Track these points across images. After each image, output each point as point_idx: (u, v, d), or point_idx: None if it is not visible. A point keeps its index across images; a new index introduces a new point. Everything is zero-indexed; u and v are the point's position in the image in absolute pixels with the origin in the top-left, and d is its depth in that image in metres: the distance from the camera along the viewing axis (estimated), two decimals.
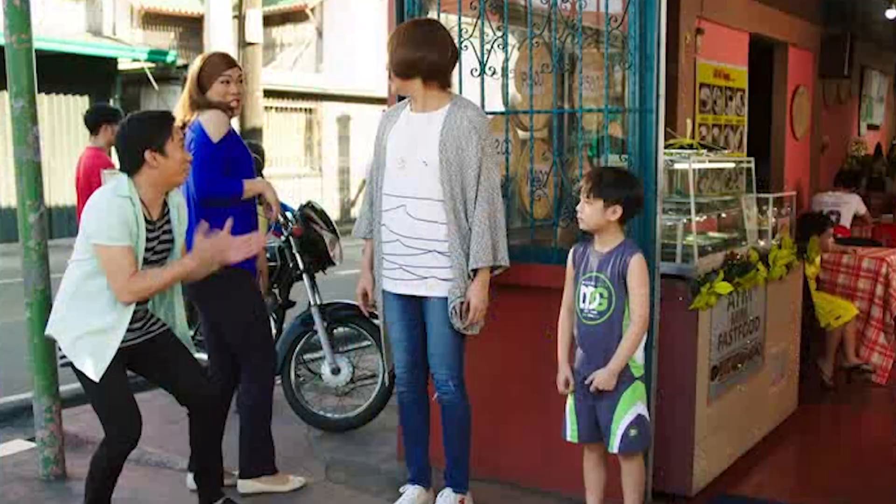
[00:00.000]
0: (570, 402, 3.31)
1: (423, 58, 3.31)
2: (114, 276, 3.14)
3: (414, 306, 3.48)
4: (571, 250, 3.37)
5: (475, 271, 3.34)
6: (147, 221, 3.24)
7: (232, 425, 3.87)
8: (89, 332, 3.19)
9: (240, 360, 3.87)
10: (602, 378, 3.14)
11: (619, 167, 3.54)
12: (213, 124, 3.69)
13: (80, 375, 3.24)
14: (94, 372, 3.17)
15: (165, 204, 3.37)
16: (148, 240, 3.24)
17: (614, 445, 3.20)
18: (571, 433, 3.31)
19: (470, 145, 3.29)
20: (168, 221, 3.37)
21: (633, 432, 3.18)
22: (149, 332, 3.40)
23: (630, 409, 3.18)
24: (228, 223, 3.35)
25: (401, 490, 3.69)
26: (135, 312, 3.26)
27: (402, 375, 3.60)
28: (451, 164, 3.29)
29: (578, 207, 3.25)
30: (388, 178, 3.41)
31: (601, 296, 3.18)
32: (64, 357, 3.26)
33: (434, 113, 3.36)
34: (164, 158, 3.22)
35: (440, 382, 3.50)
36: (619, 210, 3.17)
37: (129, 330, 3.25)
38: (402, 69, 3.35)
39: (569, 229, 3.85)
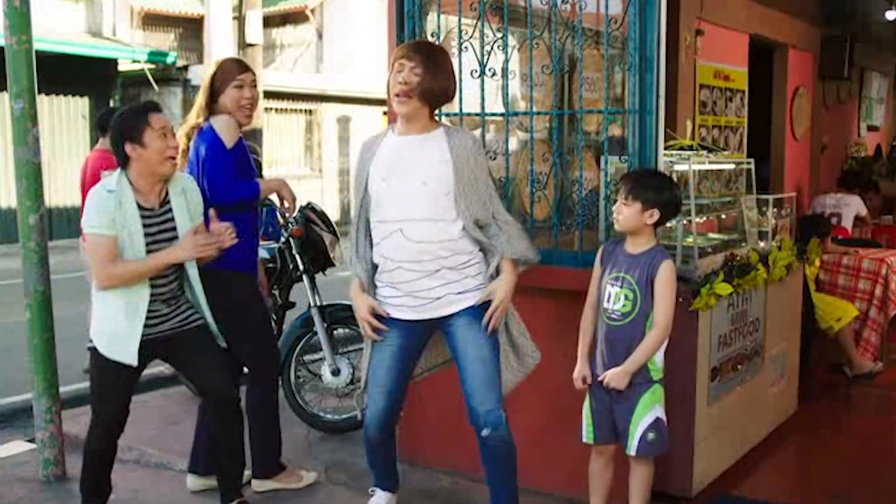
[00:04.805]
0: (586, 403, 3.31)
1: (453, 89, 3.31)
2: (94, 261, 3.33)
3: (421, 335, 3.33)
4: (601, 248, 3.37)
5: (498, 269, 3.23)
6: (144, 209, 3.33)
7: None
8: (113, 323, 3.34)
9: (244, 362, 3.89)
10: (615, 376, 3.14)
11: (656, 170, 3.48)
12: (226, 129, 3.68)
13: (91, 363, 3.44)
14: (127, 357, 3.33)
15: (168, 193, 3.41)
16: (146, 226, 3.32)
17: (632, 448, 3.20)
18: (587, 435, 3.31)
19: (479, 163, 3.23)
20: (171, 210, 3.41)
21: (651, 435, 3.18)
22: (181, 324, 3.48)
23: (648, 412, 3.18)
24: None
25: (370, 491, 3.60)
26: (157, 300, 3.38)
27: (373, 418, 3.33)
28: (464, 181, 3.17)
29: (615, 208, 3.24)
30: (376, 206, 3.23)
31: (626, 297, 3.18)
32: (91, 342, 3.41)
33: (427, 135, 3.22)
34: (144, 149, 3.30)
35: (489, 415, 3.17)
36: (656, 214, 3.17)
37: (153, 319, 3.38)
38: (442, 98, 3.25)
39: (569, 232, 3.86)
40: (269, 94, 15.81)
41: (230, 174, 3.66)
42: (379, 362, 3.30)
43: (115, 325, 3.34)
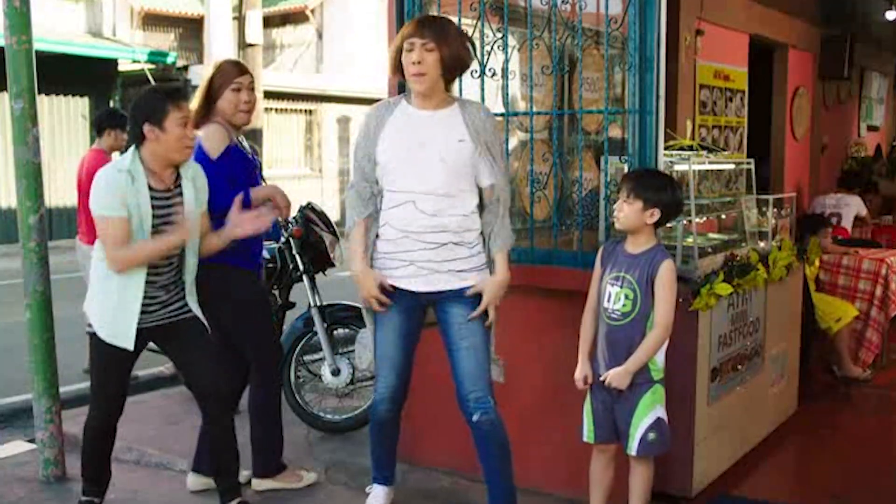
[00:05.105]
0: (587, 403, 3.31)
1: (468, 55, 3.29)
2: (105, 244, 3.28)
3: (420, 311, 3.36)
4: (601, 248, 3.37)
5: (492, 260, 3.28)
6: (154, 191, 3.31)
7: (241, 426, 3.87)
8: (109, 307, 3.34)
9: (248, 361, 3.89)
10: (616, 375, 3.14)
11: (659, 170, 3.48)
12: (211, 140, 3.66)
13: (91, 345, 3.44)
14: (123, 341, 3.33)
15: (179, 176, 3.41)
16: (155, 208, 3.30)
17: (632, 448, 3.20)
18: (588, 434, 3.31)
19: (496, 139, 3.26)
20: (181, 194, 3.40)
21: (651, 436, 3.18)
22: (177, 312, 3.48)
23: (649, 412, 3.18)
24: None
25: (367, 490, 3.64)
26: (157, 286, 3.38)
27: (385, 394, 3.38)
28: (479, 155, 3.20)
29: (616, 206, 3.24)
30: (384, 174, 3.26)
31: (626, 297, 3.17)
32: (90, 327, 3.41)
33: (443, 110, 3.25)
34: (162, 133, 3.28)
35: (479, 402, 3.23)
36: (657, 213, 3.16)
37: (151, 306, 3.38)
38: (459, 66, 3.26)
39: (569, 232, 3.86)
40: (269, 95, 15.82)
41: (216, 184, 3.61)
42: (384, 339, 3.36)
43: (113, 309, 3.33)
